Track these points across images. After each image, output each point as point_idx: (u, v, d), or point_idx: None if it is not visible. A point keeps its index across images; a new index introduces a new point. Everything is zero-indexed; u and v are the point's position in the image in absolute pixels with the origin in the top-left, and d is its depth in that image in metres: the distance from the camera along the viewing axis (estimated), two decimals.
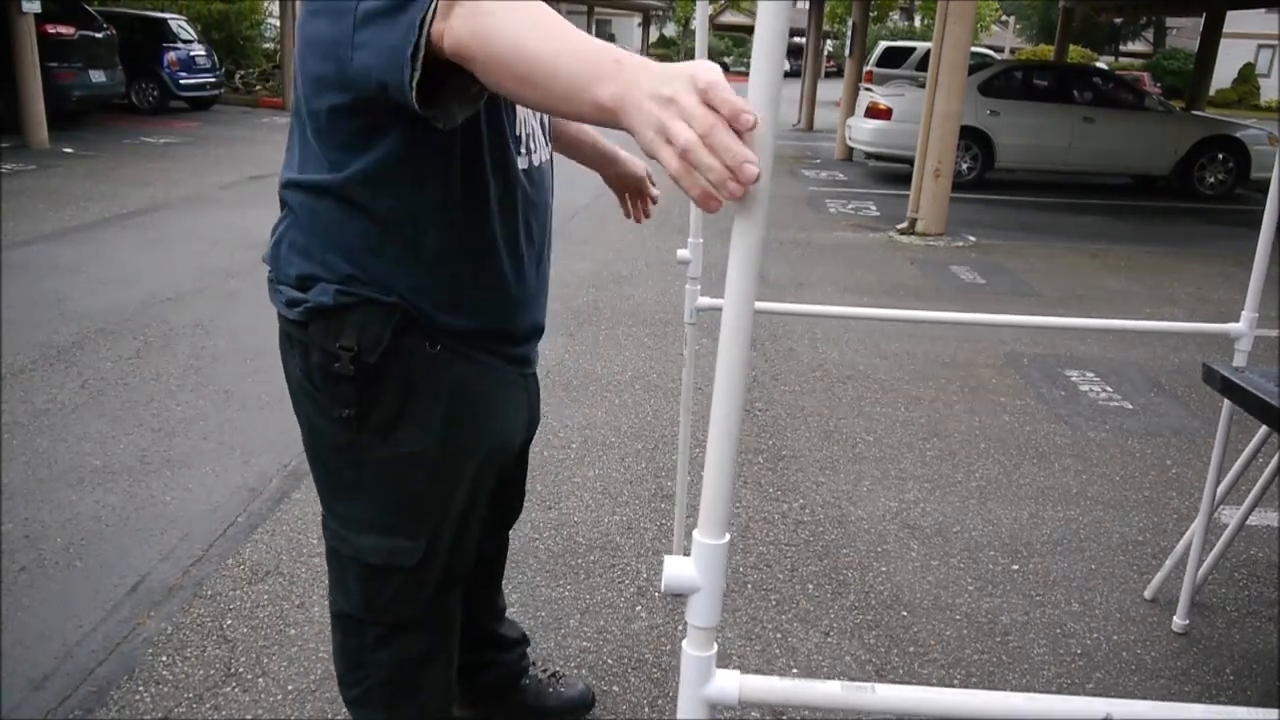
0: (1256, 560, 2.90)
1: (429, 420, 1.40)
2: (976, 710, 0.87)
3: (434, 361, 1.38)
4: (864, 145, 11.24)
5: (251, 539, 2.74)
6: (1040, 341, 4.98)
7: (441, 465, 1.44)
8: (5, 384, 3.75)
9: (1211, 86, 19.84)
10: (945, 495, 3.24)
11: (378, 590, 1.50)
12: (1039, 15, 34.51)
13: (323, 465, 1.49)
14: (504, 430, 1.54)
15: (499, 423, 1.52)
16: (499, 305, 1.43)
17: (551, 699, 2.05)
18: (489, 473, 1.53)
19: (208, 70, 14.50)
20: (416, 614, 1.54)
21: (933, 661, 2.35)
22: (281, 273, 1.40)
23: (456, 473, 1.47)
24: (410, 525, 1.47)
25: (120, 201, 7.57)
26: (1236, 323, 2.33)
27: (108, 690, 2.10)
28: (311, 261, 1.36)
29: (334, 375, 1.35)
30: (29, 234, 6.28)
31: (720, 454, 0.82)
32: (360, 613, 1.53)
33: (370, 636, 1.55)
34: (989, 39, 34.32)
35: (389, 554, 1.47)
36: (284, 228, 1.41)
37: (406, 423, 1.40)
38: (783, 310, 3.00)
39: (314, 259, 1.36)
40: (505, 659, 2.00)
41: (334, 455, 1.46)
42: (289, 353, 1.44)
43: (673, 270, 6.03)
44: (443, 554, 1.50)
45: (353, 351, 1.34)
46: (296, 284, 1.38)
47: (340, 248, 1.34)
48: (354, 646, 1.59)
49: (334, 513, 1.51)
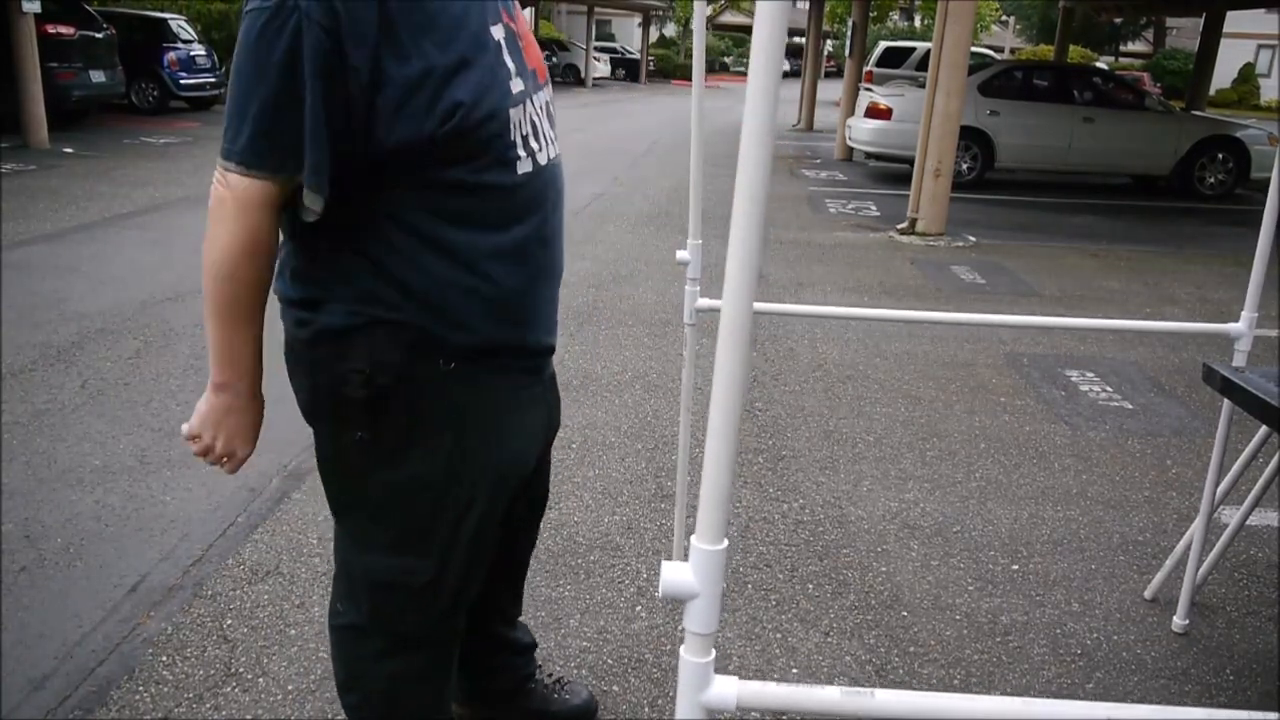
0: (1256, 560, 2.90)
1: (441, 443, 1.39)
2: (977, 715, 0.87)
3: (446, 382, 1.36)
4: (864, 145, 11.24)
5: (251, 539, 2.74)
6: (1040, 341, 4.98)
7: (453, 487, 1.43)
8: (5, 384, 3.75)
9: (1211, 86, 19.84)
10: (945, 495, 3.24)
11: (387, 604, 1.50)
12: (1039, 15, 34.49)
13: (335, 484, 1.48)
14: (518, 449, 1.52)
15: (513, 442, 1.49)
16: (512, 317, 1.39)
17: (556, 704, 2.04)
18: (503, 492, 1.51)
19: (208, 70, 14.50)
20: (422, 630, 1.54)
21: (933, 662, 2.35)
22: (290, 298, 1.39)
23: (468, 494, 1.45)
24: (421, 545, 1.45)
25: (120, 201, 7.57)
26: (1236, 323, 2.33)
27: (108, 690, 2.10)
28: (317, 287, 1.35)
29: (344, 398, 1.34)
30: (29, 234, 6.28)
31: (719, 457, 0.82)
32: (367, 625, 1.53)
33: (374, 648, 1.55)
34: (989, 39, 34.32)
35: (400, 572, 1.46)
36: (284, 255, 1.38)
37: (418, 446, 1.38)
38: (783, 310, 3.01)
39: (319, 284, 1.34)
40: (516, 662, 2.00)
41: (345, 476, 1.45)
42: (296, 371, 1.42)
43: (673, 270, 6.03)
44: (454, 574, 1.49)
45: (364, 374, 1.32)
46: (301, 305, 1.36)
47: (341, 273, 1.32)
48: (356, 656, 1.59)
49: (346, 529, 1.51)
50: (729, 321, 0.79)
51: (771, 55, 0.74)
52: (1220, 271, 7.02)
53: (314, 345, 1.36)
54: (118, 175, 8.79)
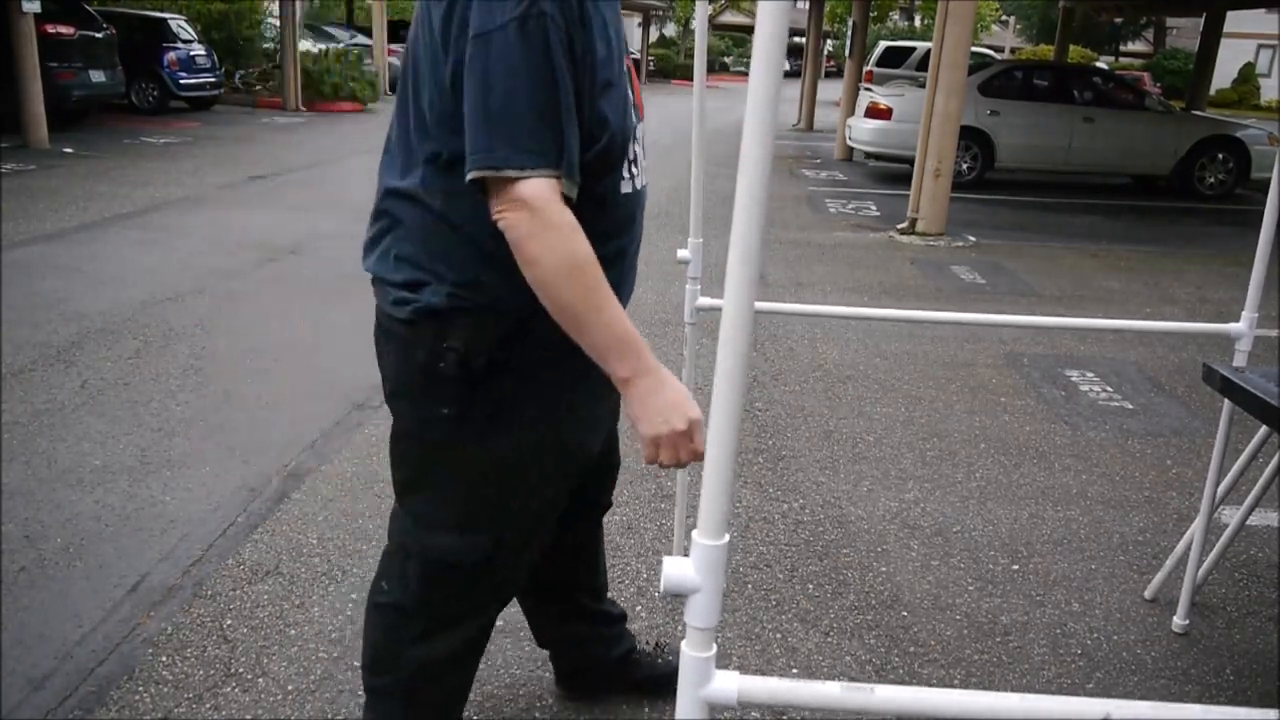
0: (1256, 560, 2.90)
1: (524, 425, 1.44)
2: (976, 711, 0.87)
3: (535, 369, 1.41)
4: (864, 145, 11.24)
5: (251, 539, 2.74)
6: (1040, 341, 4.98)
7: (531, 469, 1.49)
8: (5, 384, 3.75)
9: (1211, 86, 19.83)
10: (945, 495, 3.24)
11: (439, 585, 1.55)
12: (1039, 15, 34.49)
13: (412, 463, 1.53)
14: (594, 434, 1.61)
15: (591, 428, 1.58)
16: None
17: (662, 668, 2.12)
18: (573, 475, 1.59)
19: (208, 70, 14.50)
20: (466, 614, 1.60)
21: (933, 661, 2.35)
22: (391, 280, 1.42)
23: (543, 476, 1.52)
24: (487, 526, 1.51)
25: (120, 201, 7.57)
26: (1236, 323, 2.33)
27: (108, 690, 2.10)
28: (421, 271, 1.39)
29: (437, 375, 1.38)
30: (29, 234, 6.28)
31: (720, 454, 0.82)
32: (412, 605, 1.57)
33: (414, 630, 1.59)
34: (989, 39, 34.31)
35: (462, 551, 1.51)
36: (388, 240, 1.43)
37: (503, 426, 1.43)
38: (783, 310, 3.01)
39: (423, 269, 1.38)
40: (609, 633, 2.08)
41: (426, 453, 1.50)
42: (389, 349, 1.46)
43: (673, 270, 6.03)
44: (508, 556, 1.56)
45: (459, 353, 1.36)
46: (403, 285, 1.40)
47: (448, 258, 1.37)
48: (393, 639, 1.62)
49: (411, 509, 1.55)
50: (730, 320, 0.79)
51: (773, 55, 0.74)
52: (1220, 271, 7.02)
53: (412, 323, 1.40)
54: (118, 175, 8.79)
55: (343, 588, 2.52)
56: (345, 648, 2.27)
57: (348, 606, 2.43)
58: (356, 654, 2.24)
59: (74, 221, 6.75)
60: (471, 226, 1.32)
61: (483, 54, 1.21)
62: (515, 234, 1.24)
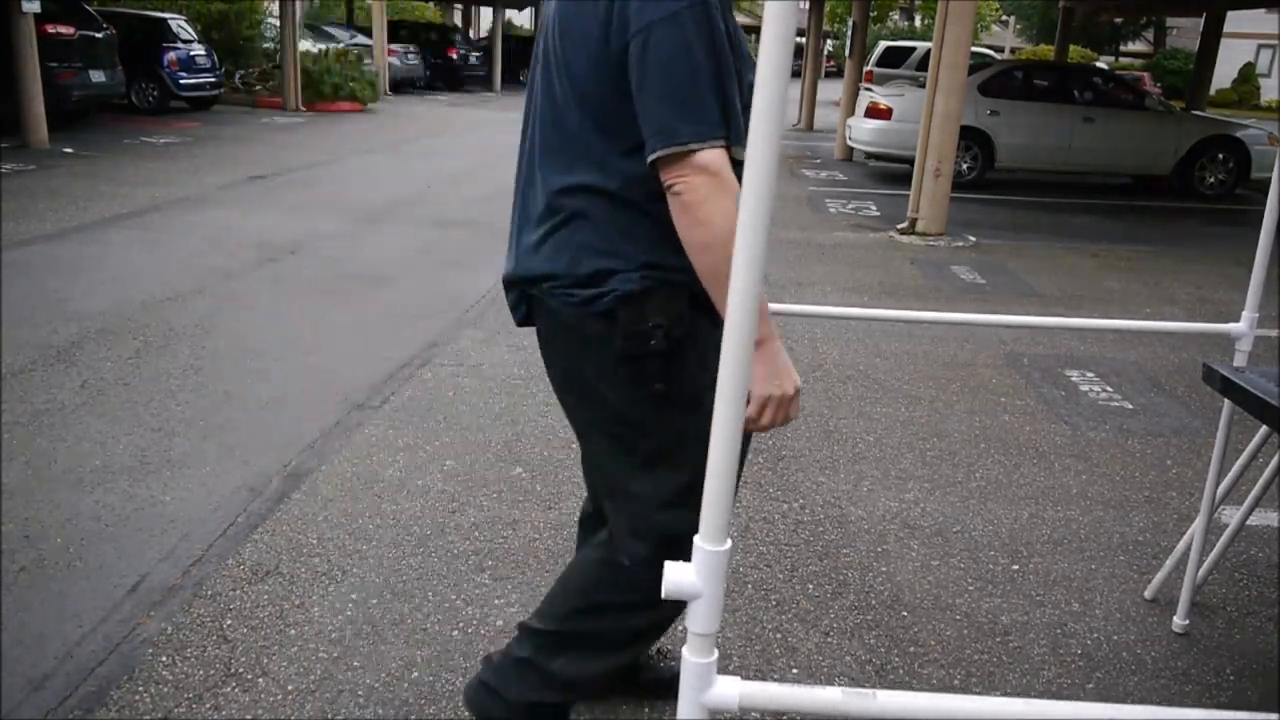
0: (1256, 560, 2.90)
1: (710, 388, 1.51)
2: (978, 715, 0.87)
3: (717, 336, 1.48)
4: (864, 145, 11.24)
5: (251, 539, 2.74)
6: (1040, 341, 4.98)
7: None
8: (5, 384, 3.75)
9: (1211, 86, 19.84)
10: (945, 495, 3.24)
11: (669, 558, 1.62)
12: (1039, 15, 34.50)
13: (628, 449, 1.59)
14: None
15: None
16: None
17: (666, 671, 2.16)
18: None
19: (208, 70, 14.49)
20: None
21: (933, 662, 2.35)
22: (573, 276, 1.49)
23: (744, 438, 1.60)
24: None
25: (120, 201, 7.56)
26: (1236, 323, 2.33)
27: (108, 690, 2.09)
28: (607, 256, 1.47)
29: (644, 354, 1.46)
30: (29, 234, 6.28)
31: (721, 459, 0.82)
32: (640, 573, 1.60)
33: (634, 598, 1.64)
34: (989, 39, 34.31)
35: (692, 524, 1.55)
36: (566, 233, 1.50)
37: (709, 390, 1.47)
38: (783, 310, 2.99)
39: (610, 254, 1.47)
40: None
41: (644, 434, 1.57)
42: (588, 351, 1.53)
43: None
44: None
45: (665, 328, 1.45)
46: (589, 281, 1.47)
47: (634, 239, 1.46)
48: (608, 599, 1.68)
49: (634, 495, 1.60)
50: (733, 317, 0.79)
51: (780, 57, 0.74)
52: (1220, 271, 7.02)
53: (608, 314, 1.47)
54: (118, 175, 8.79)
55: (343, 588, 2.52)
56: (345, 648, 2.27)
57: (348, 606, 2.43)
58: (356, 654, 2.24)
59: (74, 221, 6.75)
60: (650, 204, 1.42)
61: (657, 41, 1.33)
62: (694, 196, 1.34)
